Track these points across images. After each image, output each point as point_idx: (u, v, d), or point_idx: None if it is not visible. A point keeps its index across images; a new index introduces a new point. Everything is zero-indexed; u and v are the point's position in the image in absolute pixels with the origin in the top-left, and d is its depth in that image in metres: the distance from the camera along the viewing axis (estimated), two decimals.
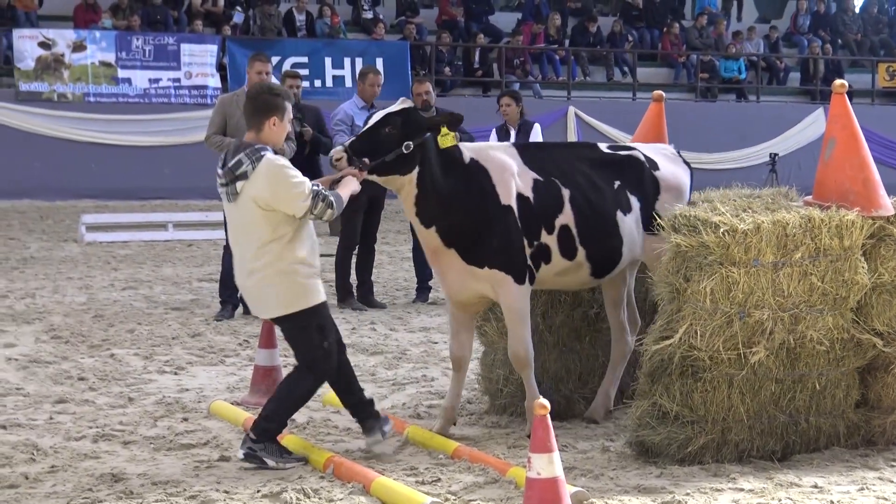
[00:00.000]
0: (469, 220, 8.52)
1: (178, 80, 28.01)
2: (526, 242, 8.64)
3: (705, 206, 8.24)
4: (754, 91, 33.61)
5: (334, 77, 28.76)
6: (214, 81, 28.08)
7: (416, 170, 8.41)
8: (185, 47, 28.23)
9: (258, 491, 7.48)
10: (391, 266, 17.72)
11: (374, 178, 8.43)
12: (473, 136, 15.07)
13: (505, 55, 31.23)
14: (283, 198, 7.88)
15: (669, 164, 9.27)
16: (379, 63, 28.43)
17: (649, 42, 33.69)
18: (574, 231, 8.74)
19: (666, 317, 8.13)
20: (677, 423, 8.04)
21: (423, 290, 15.10)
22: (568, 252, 8.75)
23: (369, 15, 31.62)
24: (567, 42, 32.78)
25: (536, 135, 15.42)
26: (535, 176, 8.77)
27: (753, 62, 33.87)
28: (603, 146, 9.33)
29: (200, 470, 8.02)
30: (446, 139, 8.51)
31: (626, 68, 32.75)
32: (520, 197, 8.66)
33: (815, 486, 7.61)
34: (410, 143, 8.34)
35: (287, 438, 8.49)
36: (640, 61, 33.01)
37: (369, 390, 10.20)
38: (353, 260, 14.64)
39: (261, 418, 8.20)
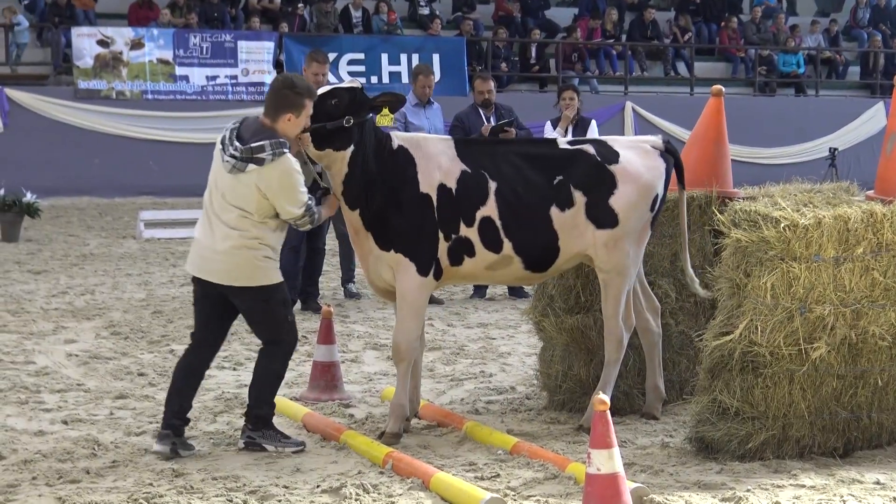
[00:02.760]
0: (386, 204, 8.62)
1: (236, 77, 28.14)
2: (442, 235, 8.68)
3: (765, 200, 8.21)
4: (813, 85, 33.43)
5: (391, 73, 28.82)
6: (271, 78, 28.12)
7: (351, 149, 8.56)
8: (242, 44, 28.36)
9: (318, 486, 7.50)
10: None
11: (310, 150, 8.55)
12: (531, 131, 15.09)
13: (562, 50, 31.19)
14: (283, 199, 8.12)
15: (635, 158, 9.12)
16: (435, 59, 28.48)
17: (707, 36, 33.55)
18: (498, 223, 8.71)
19: (726, 312, 8.11)
20: (737, 419, 8.02)
21: (480, 286, 15.12)
22: (492, 245, 8.73)
23: (426, 11, 31.65)
24: (624, 37, 32.71)
25: (593, 131, 15.37)
26: (464, 167, 8.79)
27: (812, 56, 33.69)
28: (563, 142, 9.34)
29: (260, 465, 8.06)
30: (385, 119, 8.99)
31: (683, 63, 32.61)
32: (441, 187, 8.70)
33: (878, 483, 7.56)
34: (351, 118, 8.50)
35: (346, 433, 8.52)
36: (698, 56, 32.89)
37: (427, 386, 10.26)
38: None
39: (250, 408, 8.44)
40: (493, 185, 8.76)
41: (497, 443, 8.42)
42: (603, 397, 6.73)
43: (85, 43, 27.47)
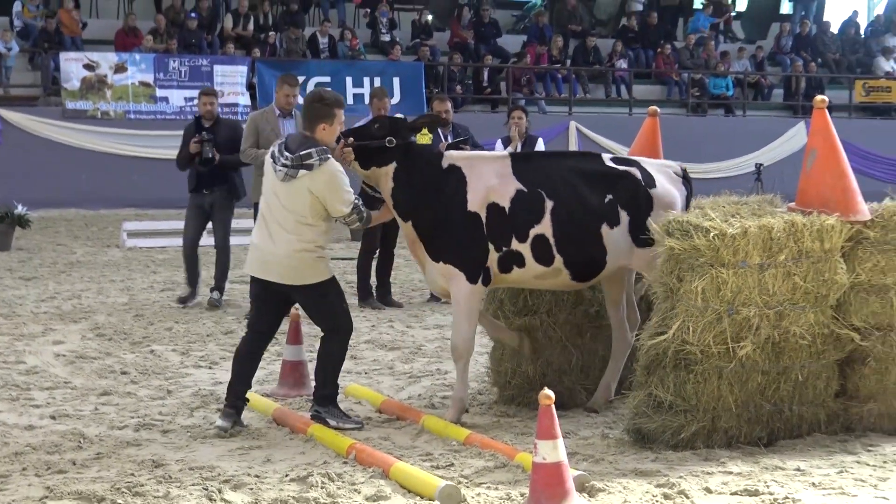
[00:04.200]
0: (435, 218, 8.71)
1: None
2: (493, 247, 8.70)
3: (697, 212, 8.25)
4: (741, 106, 33.56)
5: (355, 95, 28.75)
6: (245, 100, 28.10)
7: (393, 165, 8.72)
8: (218, 68, 28.26)
9: (286, 475, 7.48)
10: (407, 269, 17.71)
11: (357, 169, 8.78)
12: (484, 148, 15.07)
13: (512, 74, 31.23)
14: (331, 198, 8.43)
15: (666, 183, 9.11)
16: (396, 82, 28.47)
17: (644, 61, 33.66)
18: (552, 240, 8.70)
19: (661, 314, 8.14)
20: (671, 412, 8.05)
21: None
22: (543, 259, 8.72)
23: (387, 38, 31.63)
24: (569, 62, 32.76)
25: (540, 148, 15.44)
26: (520, 186, 8.77)
27: (740, 80, 33.84)
28: (607, 157, 9.23)
29: (233, 456, 8.04)
30: (424, 138, 9.14)
31: (622, 86, 32.71)
32: (492, 206, 8.71)
33: (798, 470, 7.61)
34: (393, 139, 8.71)
35: (313, 427, 8.51)
36: (636, 79, 32.97)
37: (386, 383, 10.26)
38: (374, 263, 14.66)
39: (317, 389, 8.79)
40: (549, 205, 8.75)
41: (451, 435, 8.42)
42: (548, 392, 6.74)
43: (72, 67, 27.34)
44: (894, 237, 8.45)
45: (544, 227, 8.70)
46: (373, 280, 14.71)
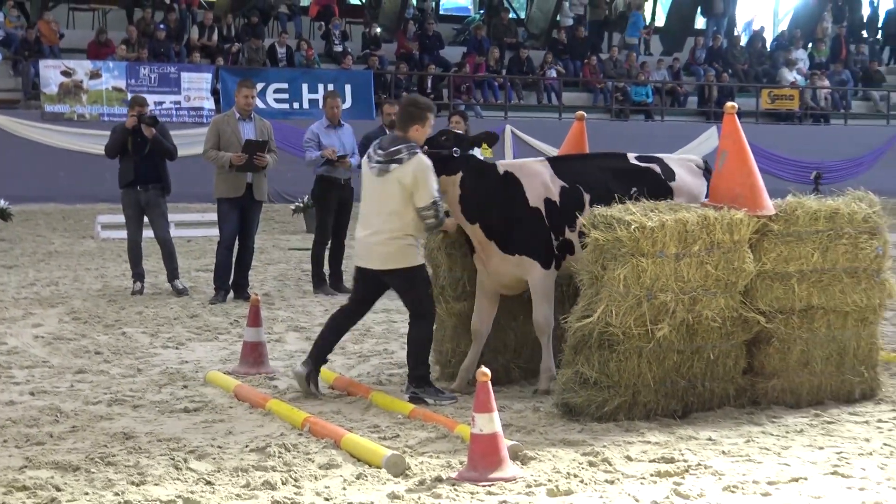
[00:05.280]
0: (503, 218, 8.90)
1: (179, 102, 27.84)
2: (553, 236, 8.95)
3: (619, 207, 8.27)
4: (659, 112, 33.71)
5: (310, 100, 28.63)
6: (209, 104, 27.91)
7: (460, 174, 8.84)
8: (185, 75, 28.06)
9: (246, 446, 7.45)
10: None
11: None
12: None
13: (453, 82, 31.22)
14: (418, 189, 8.47)
15: (686, 175, 9.39)
16: (347, 89, 28.36)
17: (573, 71, 33.72)
18: None
19: (587, 299, 8.15)
20: (596, 388, 8.07)
21: None
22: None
23: (339, 48, 31.51)
24: (504, 71, 32.77)
25: (478, 149, 15.42)
26: (563, 184, 9.07)
27: (659, 88, 33.99)
28: (632, 156, 9.47)
29: (198, 428, 7.99)
30: (486, 151, 9.18)
31: (553, 93, 32.77)
32: (547, 201, 8.97)
33: (710, 439, 7.65)
34: (458, 149, 8.89)
35: (271, 402, 8.47)
36: (565, 87, 33.03)
37: (338, 362, 10.23)
38: (326, 253, 14.60)
39: (410, 370, 8.80)
40: (587, 198, 9.01)
41: (397, 409, 8.42)
42: (484, 370, 6.76)
43: (51, 73, 27.10)
44: (796, 230, 8.52)
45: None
46: (326, 269, 14.64)
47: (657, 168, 9.34)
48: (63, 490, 6.50)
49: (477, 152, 9.20)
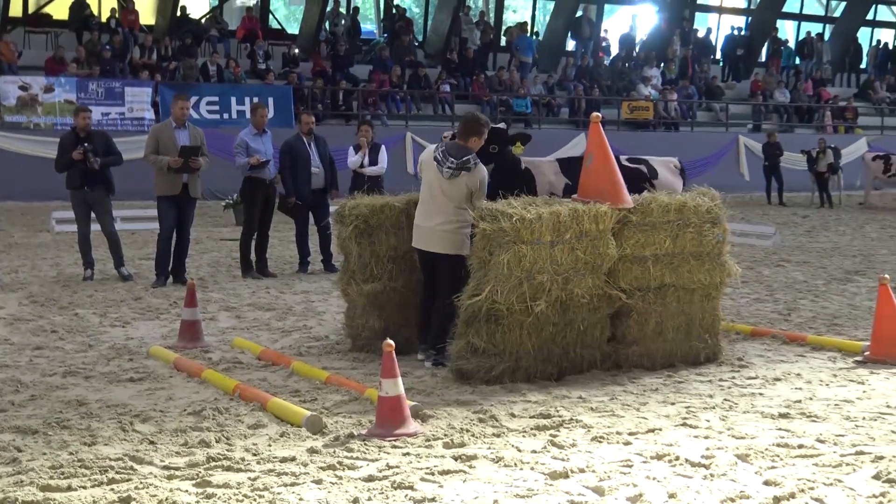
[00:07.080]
0: None
1: (123, 113, 27.40)
2: None
3: (503, 202, 8.30)
4: (537, 121, 33.90)
5: (238, 111, 28.34)
6: (150, 114, 27.44)
7: (492, 166, 9.12)
8: (128, 90, 27.62)
9: (185, 410, 7.37)
10: (280, 247, 17.56)
11: None
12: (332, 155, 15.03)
13: (361, 95, 31.10)
14: (478, 193, 8.59)
15: (667, 174, 9.57)
16: (270, 101, 28.07)
17: (463, 86, 33.77)
18: None
19: (476, 280, 8.18)
20: (484, 356, 8.10)
21: (303, 264, 15.00)
22: None
23: (263, 66, 31.23)
24: (405, 86, 32.73)
25: (383, 153, 15.45)
26: (567, 181, 9.39)
27: (536, 101, 34.19)
28: (623, 158, 9.70)
29: (142, 396, 7.88)
30: (518, 149, 9.43)
31: (447, 105, 32.80)
32: (551, 195, 9.07)
33: (580, 398, 7.72)
34: (496, 146, 9.17)
35: (206, 372, 8.38)
36: (457, 100, 33.08)
37: (264, 336, 10.15)
38: (253, 243, 14.48)
39: (435, 340, 8.73)
40: None
41: (315, 376, 8.38)
42: (390, 342, 6.75)
43: (10, 88, 26.53)
44: (651, 220, 8.63)
45: None
46: (252, 256, 14.52)
47: (644, 168, 9.56)
48: (24, 451, 6.38)
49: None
